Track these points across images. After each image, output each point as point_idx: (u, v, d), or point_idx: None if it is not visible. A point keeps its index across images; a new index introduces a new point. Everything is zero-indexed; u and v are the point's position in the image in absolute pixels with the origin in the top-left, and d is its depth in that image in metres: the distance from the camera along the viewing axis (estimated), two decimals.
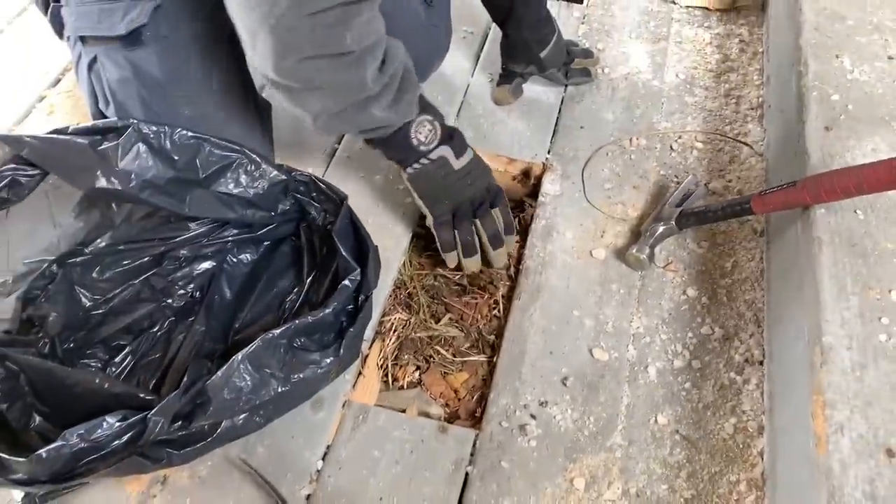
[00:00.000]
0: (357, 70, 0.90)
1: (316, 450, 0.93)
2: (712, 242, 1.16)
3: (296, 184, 1.00)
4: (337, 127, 1.01)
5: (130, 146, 0.88)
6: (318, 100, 0.93)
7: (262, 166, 0.98)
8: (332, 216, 1.00)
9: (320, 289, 1.03)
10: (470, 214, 1.09)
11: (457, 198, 1.08)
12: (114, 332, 0.99)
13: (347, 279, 0.90)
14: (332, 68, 0.88)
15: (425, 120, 1.04)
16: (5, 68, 1.41)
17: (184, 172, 0.92)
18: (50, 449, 0.76)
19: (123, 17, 0.93)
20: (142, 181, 0.89)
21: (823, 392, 0.80)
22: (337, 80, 0.90)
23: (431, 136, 1.05)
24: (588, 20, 1.55)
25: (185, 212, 0.93)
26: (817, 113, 1.08)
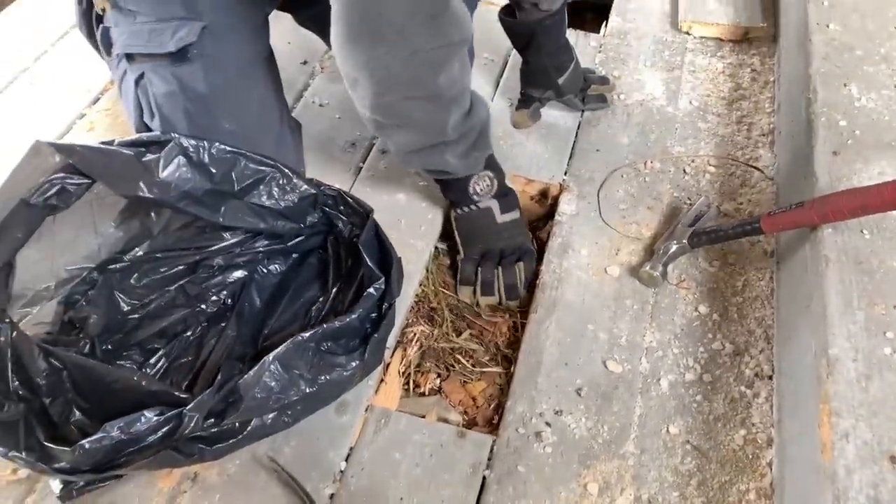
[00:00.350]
0: (443, 114, 1.01)
1: (340, 451, 0.97)
2: (724, 262, 1.20)
3: (324, 197, 1.05)
4: (413, 162, 1.12)
5: (171, 158, 0.94)
6: (403, 136, 1.05)
7: (293, 180, 1.03)
8: (358, 229, 1.05)
9: (345, 298, 1.07)
10: (496, 259, 1.18)
11: (490, 244, 1.20)
12: (149, 335, 1.04)
13: (372, 287, 0.95)
14: (421, 108, 1.00)
15: (487, 175, 1.16)
16: (48, 87, 1.48)
17: (220, 184, 0.97)
18: (92, 440, 0.81)
19: (173, 35, 0.99)
20: (180, 192, 0.94)
21: (830, 401, 0.83)
22: (424, 119, 1.02)
23: (487, 190, 1.17)
24: (605, 49, 1.60)
25: (220, 221, 0.98)
26: (825, 138, 1.13)
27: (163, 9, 1.03)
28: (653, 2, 1.73)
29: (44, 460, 0.81)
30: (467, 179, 1.15)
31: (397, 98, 0.98)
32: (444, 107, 1.01)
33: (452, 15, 0.93)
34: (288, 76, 1.27)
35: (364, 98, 0.98)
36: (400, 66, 0.93)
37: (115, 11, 1.05)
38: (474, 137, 1.09)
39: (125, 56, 1.07)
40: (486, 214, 1.18)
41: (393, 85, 0.95)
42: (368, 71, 0.93)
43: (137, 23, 1.04)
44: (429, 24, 0.91)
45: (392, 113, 1.01)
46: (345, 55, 0.94)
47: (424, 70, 0.95)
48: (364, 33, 0.90)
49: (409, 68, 0.93)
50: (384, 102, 0.98)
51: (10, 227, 0.83)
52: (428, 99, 0.99)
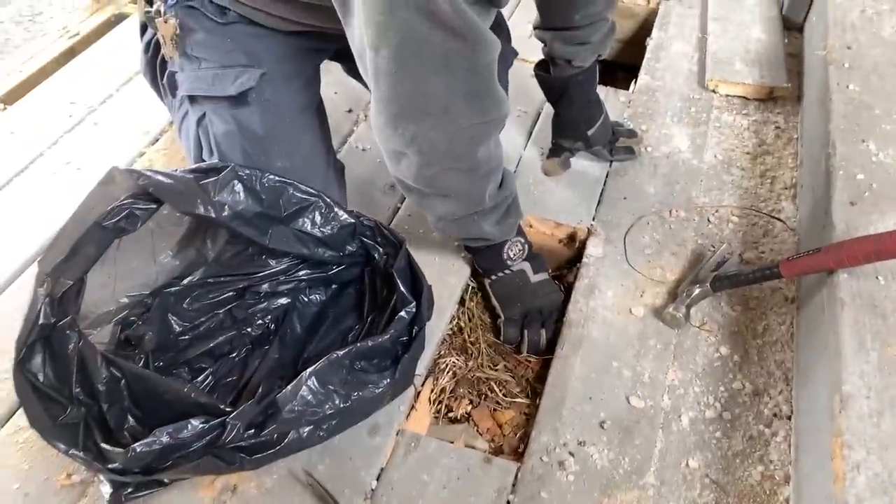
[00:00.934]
0: (481, 184, 1.10)
1: (371, 471, 1.02)
2: (745, 307, 1.24)
3: (362, 227, 1.12)
4: (451, 231, 1.19)
5: (226, 183, 1.02)
6: (443, 205, 1.12)
7: (335, 209, 1.10)
8: (392, 259, 1.12)
9: (379, 325, 1.13)
10: (539, 320, 1.24)
11: (528, 304, 1.25)
12: (198, 354, 1.11)
13: (404, 311, 1.02)
14: (461, 179, 1.08)
15: (518, 241, 1.24)
16: (113, 127, 1.60)
17: (269, 209, 1.05)
18: (143, 443, 0.87)
19: (234, 80, 1.09)
20: (233, 212, 1.02)
21: (842, 434, 0.87)
22: (463, 189, 1.09)
23: (520, 254, 1.25)
24: (633, 104, 1.68)
25: (266, 243, 1.06)
26: (843, 189, 1.18)
27: (227, 57, 1.13)
28: (681, 62, 1.81)
29: (99, 460, 0.87)
30: (502, 245, 1.22)
31: (440, 170, 1.05)
32: (481, 178, 1.09)
33: (493, 95, 1.01)
34: (334, 122, 1.36)
35: (409, 170, 1.05)
36: (444, 139, 1.00)
37: (182, 59, 1.16)
38: (508, 205, 1.17)
39: (188, 98, 1.17)
40: (520, 276, 1.25)
41: (436, 157, 1.03)
42: (416, 146, 1.01)
43: (202, 69, 1.14)
44: (470, 101, 0.98)
45: (434, 183, 1.08)
46: (390, 132, 1.01)
47: (465, 143, 1.03)
48: (410, 111, 0.98)
49: (452, 142, 1.01)
50: (428, 174, 1.05)
51: (85, 246, 0.91)
52: (467, 171, 1.06)
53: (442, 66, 0.92)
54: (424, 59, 0.91)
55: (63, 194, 1.42)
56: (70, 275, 0.90)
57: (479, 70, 0.96)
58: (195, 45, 1.13)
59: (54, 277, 0.89)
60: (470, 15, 0.89)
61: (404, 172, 1.07)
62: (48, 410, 0.87)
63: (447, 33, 0.89)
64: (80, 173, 1.47)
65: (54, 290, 0.88)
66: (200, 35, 1.12)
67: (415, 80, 0.94)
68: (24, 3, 2.68)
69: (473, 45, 0.92)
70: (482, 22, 0.92)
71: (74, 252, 0.90)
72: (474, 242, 1.23)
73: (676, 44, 1.88)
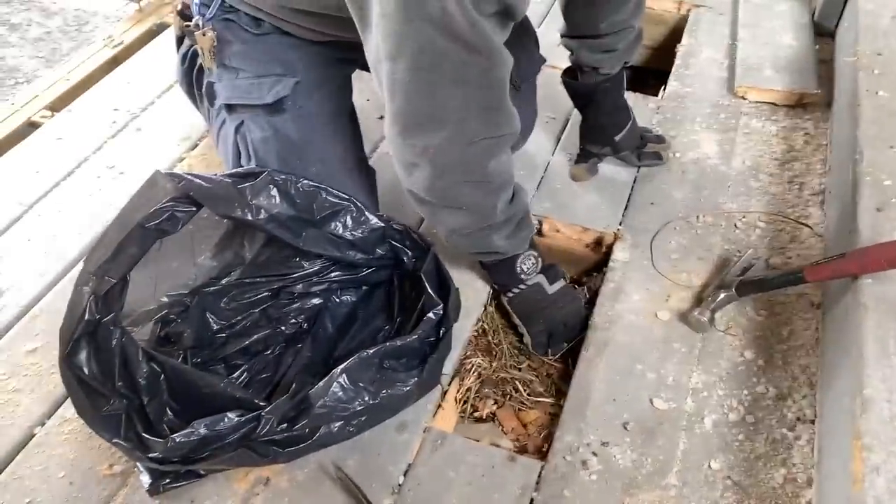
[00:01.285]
0: (492, 198, 1.10)
1: (398, 466, 1.05)
2: (770, 312, 1.25)
3: (392, 231, 1.16)
4: (463, 245, 1.19)
5: (262, 187, 1.06)
6: (454, 219, 1.13)
7: (365, 213, 1.14)
8: (420, 262, 1.15)
9: (407, 326, 1.17)
10: (563, 333, 1.25)
11: (551, 319, 1.25)
12: (234, 351, 1.16)
13: (432, 312, 1.05)
14: (472, 193, 1.08)
15: (531, 255, 1.23)
16: (154, 133, 1.66)
17: (302, 213, 1.09)
18: (182, 434, 0.92)
19: (270, 89, 1.14)
20: (268, 215, 1.06)
21: (862, 437, 0.88)
22: (475, 202, 1.10)
23: (533, 268, 1.23)
24: (662, 111, 1.69)
25: (301, 245, 1.10)
26: (870, 195, 1.18)
27: (263, 67, 1.18)
28: (710, 68, 1.82)
29: (140, 449, 0.92)
30: (515, 259, 1.21)
31: (451, 182, 1.06)
32: (493, 191, 1.10)
33: (506, 110, 1.03)
34: (366, 128, 1.39)
35: (420, 181, 1.07)
36: (457, 152, 1.02)
37: (220, 69, 1.21)
38: (518, 219, 1.17)
39: (226, 107, 1.22)
40: (537, 290, 1.24)
41: (448, 170, 1.04)
42: (428, 157, 1.02)
43: (240, 79, 1.19)
44: (484, 115, 1.00)
45: (446, 196, 1.09)
46: (403, 144, 1.03)
47: (477, 157, 1.04)
48: (425, 123, 1.00)
49: (465, 155, 1.03)
50: (440, 186, 1.06)
51: (128, 246, 0.96)
52: (479, 184, 1.07)
53: (457, 78, 0.94)
54: (440, 71, 0.93)
55: (106, 197, 1.48)
56: (114, 273, 0.94)
57: (493, 84, 0.98)
58: (233, 56, 1.18)
59: (99, 276, 0.93)
60: (486, 29, 0.91)
61: (416, 184, 1.08)
62: (93, 402, 0.91)
63: (463, 47, 0.91)
64: (123, 177, 1.53)
65: (99, 287, 0.93)
66: (237, 46, 1.17)
67: (429, 93, 0.96)
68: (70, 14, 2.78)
69: (488, 58, 0.94)
70: (497, 36, 0.94)
71: (118, 252, 0.95)
72: (487, 257, 1.22)
73: (706, 50, 1.88)
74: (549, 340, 1.25)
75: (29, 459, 1.06)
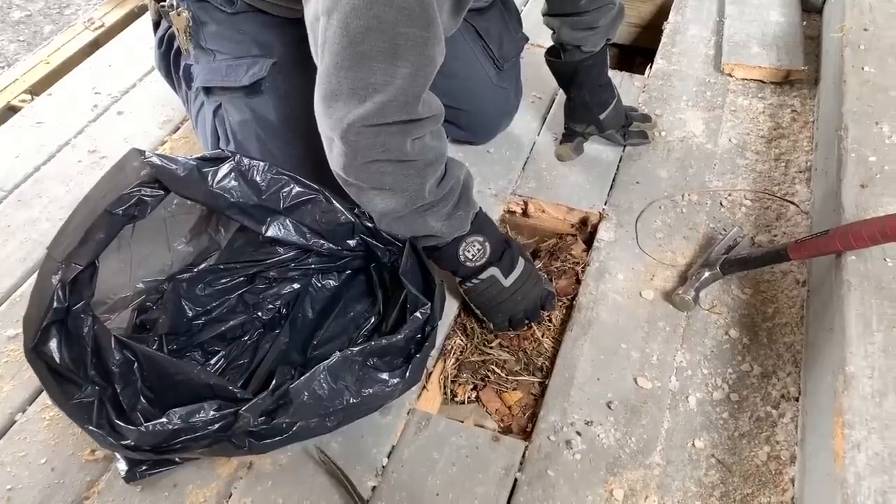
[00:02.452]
0: (417, 177, 1.03)
1: (382, 448, 1.05)
2: (756, 290, 1.25)
3: (362, 227, 1.11)
4: (397, 228, 1.09)
5: (226, 173, 1.03)
6: (382, 201, 1.05)
7: (334, 205, 1.09)
8: (395, 255, 1.12)
9: (389, 318, 1.15)
10: (524, 323, 1.21)
11: (511, 311, 1.19)
12: (210, 338, 1.14)
13: (419, 311, 1.02)
14: (394, 172, 1.01)
15: (476, 241, 1.12)
16: (135, 117, 1.64)
17: (267, 201, 1.05)
18: (156, 423, 0.91)
19: (247, 71, 1.12)
20: (229, 202, 1.03)
21: (843, 414, 0.88)
22: (399, 183, 1.02)
23: (479, 255, 1.13)
24: (648, 89, 1.68)
25: (263, 232, 1.07)
26: (854, 172, 1.18)
27: (239, 48, 1.16)
28: (697, 46, 1.80)
29: (112, 436, 0.90)
30: (456, 247, 1.12)
31: (368, 161, 0.99)
32: (417, 172, 1.02)
33: (428, 94, 0.99)
34: None
35: (339, 160, 1.01)
36: (371, 132, 0.96)
37: (196, 51, 1.19)
38: (455, 198, 1.09)
39: (204, 90, 1.20)
40: (492, 284, 1.15)
41: (363, 149, 0.98)
42: (340, 131, 0.97)
43: (217, 61, 1.17)
44: (406, 98, 0.95)
45: (367, 176, 1.02)
46: (324, 111, 0.98)
47: (394, 137, 0.97)
48: (346, 94, 0.93)
49: (380, 135, 0.96)
50: (356, 165, 1.00)
51: (96, 232, 0.94)
52: (398, 163, 1.00)
53: (389, 51, 0.90)
54: (371, 37, 0.88)
55: (87, 182, 1.46)
56: (81, 260, 0.92)
57: (424, 63, 0.93)
58: (208, 38, 1.16)
59: (67, 263, 0.92)
60: (432, 6, 0.87)
61: (335, 162, 1.02)
62: (64, 390, 0.90)
63: (402, 15, 0.87)
64: (104, 161, 1.52)
65: (66, 275, 0.91)
66: (213, 27, 1.15)
67: (358, 60, 0.91)
68: None
69: (425, 31, 0.90)
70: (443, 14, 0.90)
71: (86, 238, 0.93)
72: (425, 241, 1.12)
73: (693, 27, 1.87)
74: (511, 326, 1.21)
75: (10, 446, 1.06)
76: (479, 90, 1.41)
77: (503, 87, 1.44)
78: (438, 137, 1.04)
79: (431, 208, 1.06)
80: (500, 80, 1.42)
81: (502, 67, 1.41)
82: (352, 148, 0.97)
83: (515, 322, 1.20)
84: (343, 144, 0.98)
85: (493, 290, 1.16)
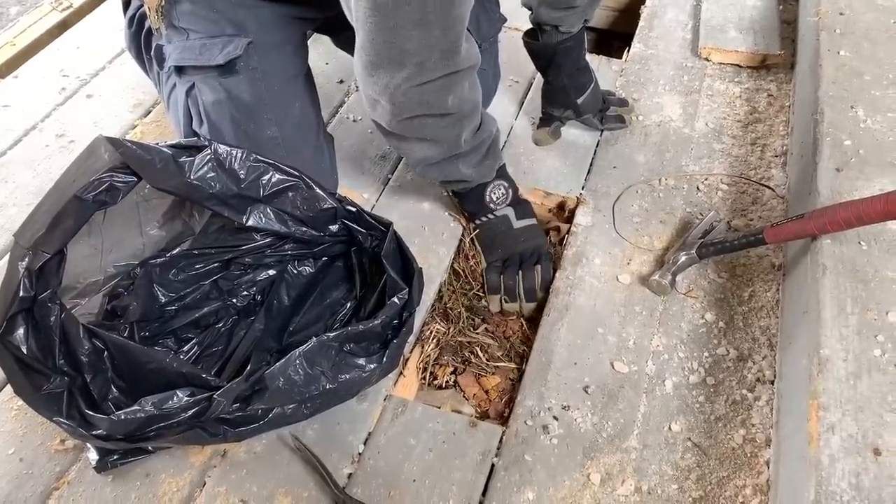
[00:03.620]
0: (455, 129, 1.12)
1: (358, 435, 1.04)
2: (732, 273, 1.25)
3: (345, 212, 1.11)
4: (431, 174, 1.21)
5: (203, 162, 1.01)
6: (421, 149, 1.14)
7: (316, 191, 1.08)
8: (377, 240, 1.11)
9: (367, 303, 1.14)
10: (517, 265, 1.25)
11: (509, 250, 1.27)
12: (183, 325, 1.12)
13: (396, 297, 1.01)
14: (435, 125, 1.10)
15: (501, 184, 1.26)
16: (105, 100, 1.60)
17: (247, 190, 1.04)
18: (128, 411, 0.88)
19: (222, 50, 1.09)
20: (207, 193, 1.01)
21: (818, 397, 0.88)
22: (438, 134, 1.12)
23: (503, 199, 1.26)
24: (626, 73, 1.67)
25: (243, 222, 1.06)
26: (830, 155, 1.18)
27: (213, 27, 1.13)
28: (675, 30, 1.80)
29: (83, 427, 0.88)
30: (483, 188, 1.24)
31: (412, 117, 1.07)
32: (455, 122, 1.11)
33: (464, 47, 1.03)
34: (326, 93, 1.36)
35: (383, 117, 1.08)
36: (416, 92, 1.03)
37: (169, 30, 1.16)
38: (486, 149, 1.19)
39: (176, 69, 1.17)
40: (503, 221, 1.27)
41: (408, 107, 1.05)
42: (388, 95, 1.03)
43: (190, 40, 1.14)
44: (443, 55, 1.00)
45: (409, 130, 1.10)
46: (366, 79, 1.04)
47: (437, 93, 1.04)
48: (386, 62, 1.00)
49: (424, 94, 1.03)
50: (401, 120, 1.08)
51: (64, 218, 0.91)
52: (440, 117, 1.08)
53: (419, 20, 0.94)
54: (402, 10, 0.93)
55: (56, 167, 1.43)
56: (49, 247, 0.90)
57: (454, 23, 0.97)
58: (181, 16, 1.13)
59: (34, 250, 0.89)
60: None
61: (381, 118, 1.10)
62: (32, 381, 0.88)
63: None
64: (73, 146, 1.48)
65: (34, 262, 0.88)
66: (186, 5, 1.12)
67: (389, 34, 0.96)
68: None
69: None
70: None
71: (54, 225, 0.90)
72: (455, 185, 1.25)
73: (671, 11, 1.86)
74: (501, 273, 1.26)
75: None
76: None
77: (482, 69, 1.42)
78: (474, 88, 1.12)
79: (465, 156, 1.17)
80: None
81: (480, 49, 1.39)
82: (398, 108, 1.05)
83: (510, 266, 1.25)
84: (390, 105, 1.05)
85: (502, 226, 1.27)
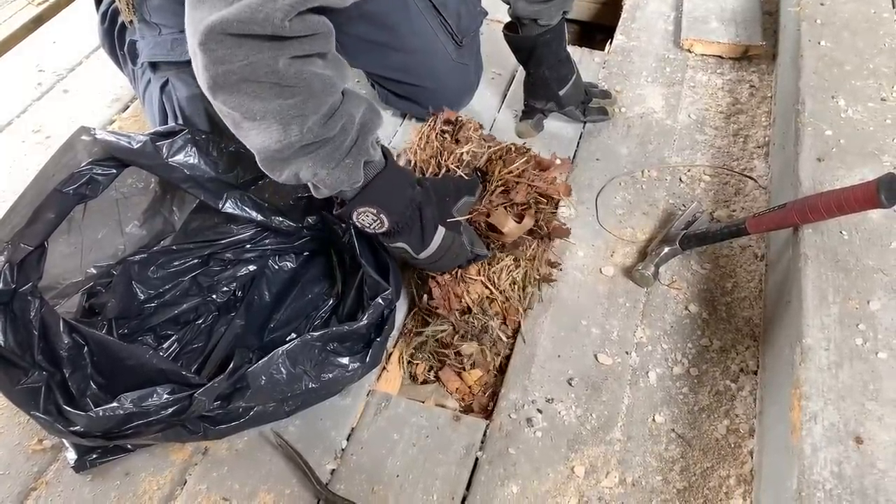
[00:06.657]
0: (295, 109, 0.86)
1: (341, 431, 1.03)
2: (715, 265, 1.25)
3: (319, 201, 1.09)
4: (278, 168, 0.91)
5: (181, 146, 1.01)
6: (257, 135, 0.87)
7: None
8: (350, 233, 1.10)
9: (346, 300, 1.13)
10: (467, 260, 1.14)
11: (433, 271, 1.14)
12: (163, 321, 1.11)
13: (380, 297, 1.00)
14: (267, 97, 0.84)
15: (369, 212, 0.98)
16: (82, 95, 1.58)
17: (224, 175, 1.04)
18: (107, 408, 0.88)
19: None
20: (185, 175, 1.01)
21: (801, 386, 0.88)
22: (272, 112, 0.85)
23: (377, 225, 1.00)
24: (608, 65, 1.67)
25: (220, 207, 1.05)
26: (811, 146, 1.18)
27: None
28: (657, 21, 1.80)
29: (61, 423, 0.87)
30: (349, 210, 0.99)
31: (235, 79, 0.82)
32: (297, 101, 0.85)
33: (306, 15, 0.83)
34: None
35: (202, 74, 0.84)
36: (231, 42, 0.80)
37: (141, 25, 1.14)
38: (347, 142, 0.91)
39: (150, 65, 1.15)
40: (404, 252, 1.06)
41: (223, 61, 0.81)
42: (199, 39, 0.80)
43: (162, 35, 1.13)
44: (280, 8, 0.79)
45: (235, 100, 0.84)
46: (187, 22, 0.83)
47: (259, 53, 0.81)
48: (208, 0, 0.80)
49: (241, 48, 0.80)
50: (221, 82, 0.83)
51: (45, 211, 0.90)
52: (272, 86, 0.83)
53: None
54: None
55: (32, 162, 1.41)
56: (30, 240, 0.89)
57: None
58: (152, 11, 1.11)
59: (14, 243, 0.88)
60: None
61: (201, 80, 0.85)
62: (9, 375, 0.87)
63: None
64: (49, 141, 1.46)
65: (14, 256, 0.87)
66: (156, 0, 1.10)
67: None
68: None
69: None
70: None
71: (35, 218, 0.90)
72: (318, 193, 0.95)
73: (653, 3, 1.86)
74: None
75: None
76: (439, 67, 1.39)
77: (463, 63, 1.42)
78: (334, 66, 0.88)
79: (315, 150, 0.89)
80: (459, 57, 1.40)
81: (461, 43, 1.39)
82: (211, 60, 0.81)
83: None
84: (203, 54, 0.81)
85: (409, 257, 1.08)
